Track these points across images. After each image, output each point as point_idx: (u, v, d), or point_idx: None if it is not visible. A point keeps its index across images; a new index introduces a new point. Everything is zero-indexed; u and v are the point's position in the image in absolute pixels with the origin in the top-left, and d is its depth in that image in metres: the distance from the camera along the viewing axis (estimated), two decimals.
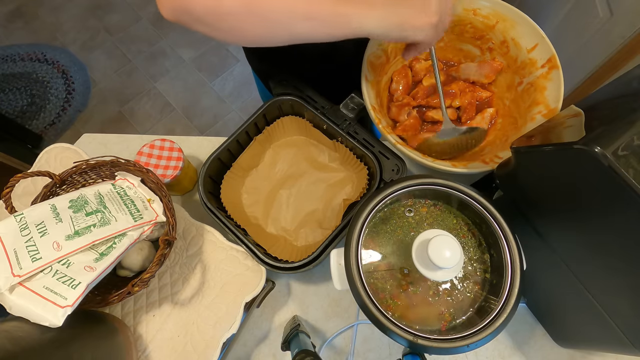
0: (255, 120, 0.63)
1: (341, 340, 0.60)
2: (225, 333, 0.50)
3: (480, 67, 0.65)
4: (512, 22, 0.59)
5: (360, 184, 0.63)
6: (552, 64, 0.56)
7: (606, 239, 0.36)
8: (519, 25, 0.59)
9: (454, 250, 0.38)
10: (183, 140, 0.70)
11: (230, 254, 0.55)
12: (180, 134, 1.77)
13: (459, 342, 0.39)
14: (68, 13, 2.04)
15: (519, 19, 0.59)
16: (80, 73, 1.89)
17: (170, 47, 1.95)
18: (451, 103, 0.65)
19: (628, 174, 0.29)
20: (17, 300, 0.38)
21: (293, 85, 0.64)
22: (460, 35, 0.65)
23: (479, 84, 0.66)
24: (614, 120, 0.32)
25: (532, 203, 0.46)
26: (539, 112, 0.56)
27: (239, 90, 1.86)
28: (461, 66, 0.67)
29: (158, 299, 0.53)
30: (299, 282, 0.63)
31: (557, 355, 0.57)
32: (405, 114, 0.65)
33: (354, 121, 0.61)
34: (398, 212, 0.47)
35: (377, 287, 0.44)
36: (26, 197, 0.57)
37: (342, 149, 0.63)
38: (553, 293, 0.51)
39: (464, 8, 0.61)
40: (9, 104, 1.82)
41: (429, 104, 0.66)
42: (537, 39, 0.57)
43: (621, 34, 0.94)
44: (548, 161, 0.39)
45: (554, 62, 0.56)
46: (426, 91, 0.66)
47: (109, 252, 0.45)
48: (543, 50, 0.57)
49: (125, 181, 0.53)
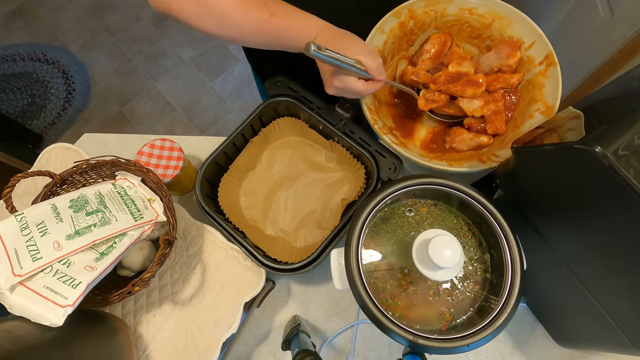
0: (251, 122, 0.63)
1: (341, 340, 0.60)
2: (225, 333, 0.50)
3: (498, 51, 0.60)
4: (509, 20, 0.59)
5: (357, 183, 0.62)
6: (550, 60, 0.56)
7: (606, 239, 0.36)
8: (516, 23, 0.59)
9: (454, 250, 0.38)
10: (183, 140, 0.70)
11: (230, 254, 0.55)
12: (180, 133, 1.77)
13: (459, 341, 0.39)
14: (68, 13, 2.04)
15: (515, 16, 0.59)
16: (81, 73, 1.89)
17: (170, 47, 1.95)
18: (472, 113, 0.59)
19: (628, 173, 0.29)
20: (18, 300, 0.38)
21: (288, 86, 0.63)
22: (457, 35, 0.65)
23: (505, 71, 0.61)
24: (614, 120, 0.32)
25: (533, 203, 0.46)
26: (537, 110, 0.56)
27: (239, 90, 1.86)
28: (479, 59, 0.62)
29: (158, 298, 0.53)
30: (299, 282, 0.63)
31: (557, 355, 0.57)
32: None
33: (350, 120, 0.61)
34: (398, 211, 0.47)
35: (378, 286, 0.44)
36: (27, 197, 0.57)
37: (339, 149, 0.63)
38: (553, 293, 0.51)
39: (460, 7, 0.61)
40: (10, 103, 1.82)
41: (449, 90, 0.59)
42: (534, 37, 0.57)
43: (622, 34, 0.94)
44: (548, 161, 0.39)
45: (552, 59, 0.56)
46: (449, 77, 0.60)
47: (109, 251, 0.45)
48: (540, 48, 0.57)
49: (126, 181, 0.53)
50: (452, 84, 0.59)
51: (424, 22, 0.63)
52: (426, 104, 0.59)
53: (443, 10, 0.62)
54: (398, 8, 0.60)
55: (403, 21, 0.61)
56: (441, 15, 0.62)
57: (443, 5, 0.61)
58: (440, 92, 0.59)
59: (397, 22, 0.61)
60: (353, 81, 0.49)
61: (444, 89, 0.59)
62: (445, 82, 0.60)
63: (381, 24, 0.60)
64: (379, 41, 0.61)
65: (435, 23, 0.63)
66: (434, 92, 0.59)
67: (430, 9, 0.62)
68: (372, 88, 0.51)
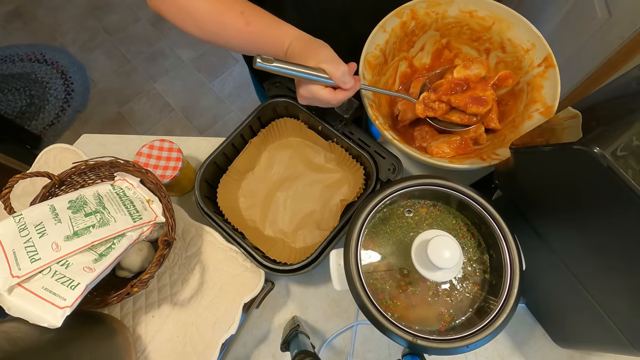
0: (250, 123, 0.63)
1: (341, 341, 0.60)
2: (224, 334, 0.50)
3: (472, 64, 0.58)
4: (509, 23, 0.60)
5: (356, 184, 0.63)
6: (549, 62, 0.57)
7: (605, 239, 0.36)
8: (515, 26, 0.59)
9: (453, 251, 0.39)
10: (182, 141, 0.70)
11: (229, 255, 0.55)
12: (179, 134, 1.77)
13: (459, 342, 0.39)
14: (67, 13, 2.03)
15: (514, 19, 0.59)
16: (80, 73, 1.89)
17: (169, 48, 1.94)
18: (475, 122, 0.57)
19: (627, 174, 0.29)
20: (16, 301, 0.37)
21: (287, 86, 0.64)
22: (457, 37, 0.65)
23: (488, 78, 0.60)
24: (612, 121, 0.32)
25: (532, 203, 0.46)
26: (536, 110, 0.56)
27: (238, 91, 1.86)
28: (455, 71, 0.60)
29: (157, 299, 0.53)
30: (299, 283, 0.63)
31: (556, 355, 0.57)
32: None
33: (349, 121, 0.61)
34: (397, 212, 0.47)
35: (377, 287, 0.44)
36: (25, 198, 0.57)
37: (338, 150, 0.63)
38: (552, 293, 0.51)
39: (460, 10, 0.62)
40: (8, 104, 1.82)
41: (450, 102, 0.55)
42: (534, 39, 0.58)
43: (620, 35, 0.94)
44: (547, 161, 0.39)
45: (550, 61, 0.57)
46: (452, 86, 0.56)
47: (108, 252, 0.44)
48: (539, 50, 0.58)
49: (125, 182, 0.52)
50: (455, 96, 0.53)
51: (425, 23, 0.63)
52: (424, 111, 0.57)
53: (444, 12, 0.62)
54: (400, 8, 0.61)
55: (405, 21, 0.62)
56: (442, 16, 0.62)
57: (444, 7, 0.62)
58: (441, 102, 0.56)
59: (399, 22, 0.61)
60: (318, 90, 0.48)
61: (445, 99, 0.55)
62: (446, 91, 0.55)
63: (383, 22, 0.60)
64: (381, 40, 0.61)
65: (436, 24, 0.64)
66: (434, 101, 0.57)
67: (431, 10, 0.62)
68: (342, 97, 0.49)
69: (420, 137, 0.64)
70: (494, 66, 0.65)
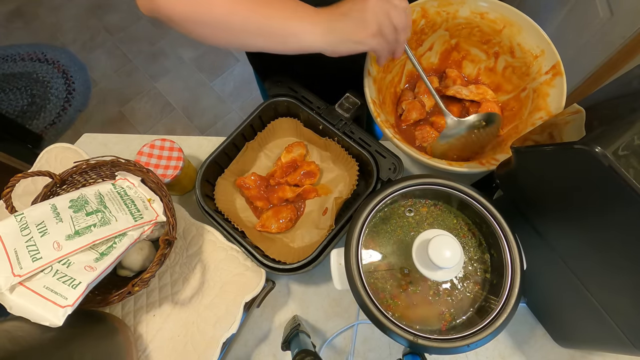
0: (251, 122, 0.62)
1: (341, 340, 0.60)
2: (225, 333, 0.50)
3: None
4: (519, 28, 0.59)
5: (352, 181, 0.62)
6: (557, 70, 0.56)
7: (606, 238, 0.36)
8: (525, 31, 0.58)
9: (454, 250, 0.38)
10: (183, 140, 0.70)
11: (230, 254, 0.55)
12: (180, 133, 1.77)
13: (459, 342, 0.39)
14: (68, 13, 2.03)
15: (525, 24, 0.58)
16: (81, 73, 1.89)
17: (170, 47, 1.94)
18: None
19: (628, 173, 0.29)
20: (18, 300, 0.38)
21: (288, 86, 0.63)
22: (467, 39, 0.64)
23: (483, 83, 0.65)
24: (614, 120, 0.32)
25: (532, 203, 0.46)
26: (539, 118, 0.56)
27: (239, 90, 1.86)
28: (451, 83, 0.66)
29: (158, 298, 0.53)
30: (299, 282, 0.63)
31: (557, 355, 0.57)
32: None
33: (350, 121, 0.61)
34: (398, 212, 0.47)
35: (377, 287, 0.44)
36: (26, 197, 0.57)
37: (333, 147, 0.62)
38: (553, 293, 0.51)
39: (472, 11, 0.61)
40: (9, 103, 1.82)
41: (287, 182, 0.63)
42: (544, 46, 0.57)
43: (621, 34, 0.94)
44: (548, 161, 0.39)
45: (559, 69, 0.56)
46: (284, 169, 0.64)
47: (109, 251, 0.45)
48: (548, 57, 0.57)
49: (126, 181, 0.53)
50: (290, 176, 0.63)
51: (435, 22, 0.62)
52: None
53: (455, 12, 0.61)
54: (411, 5, 0.60)
55: (415, 19, 0.61)
56: (453, 17, 0.62)
57: (455, 7, 0.61)
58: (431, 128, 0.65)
59: None
60: None
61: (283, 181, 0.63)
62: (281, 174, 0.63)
63: None
64: None
65: (446, 24, 0.63)
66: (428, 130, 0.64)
67: (442, 9, 0.61)
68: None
69: (421, 137, 0.64)
70: (502, 70, 0.64)
